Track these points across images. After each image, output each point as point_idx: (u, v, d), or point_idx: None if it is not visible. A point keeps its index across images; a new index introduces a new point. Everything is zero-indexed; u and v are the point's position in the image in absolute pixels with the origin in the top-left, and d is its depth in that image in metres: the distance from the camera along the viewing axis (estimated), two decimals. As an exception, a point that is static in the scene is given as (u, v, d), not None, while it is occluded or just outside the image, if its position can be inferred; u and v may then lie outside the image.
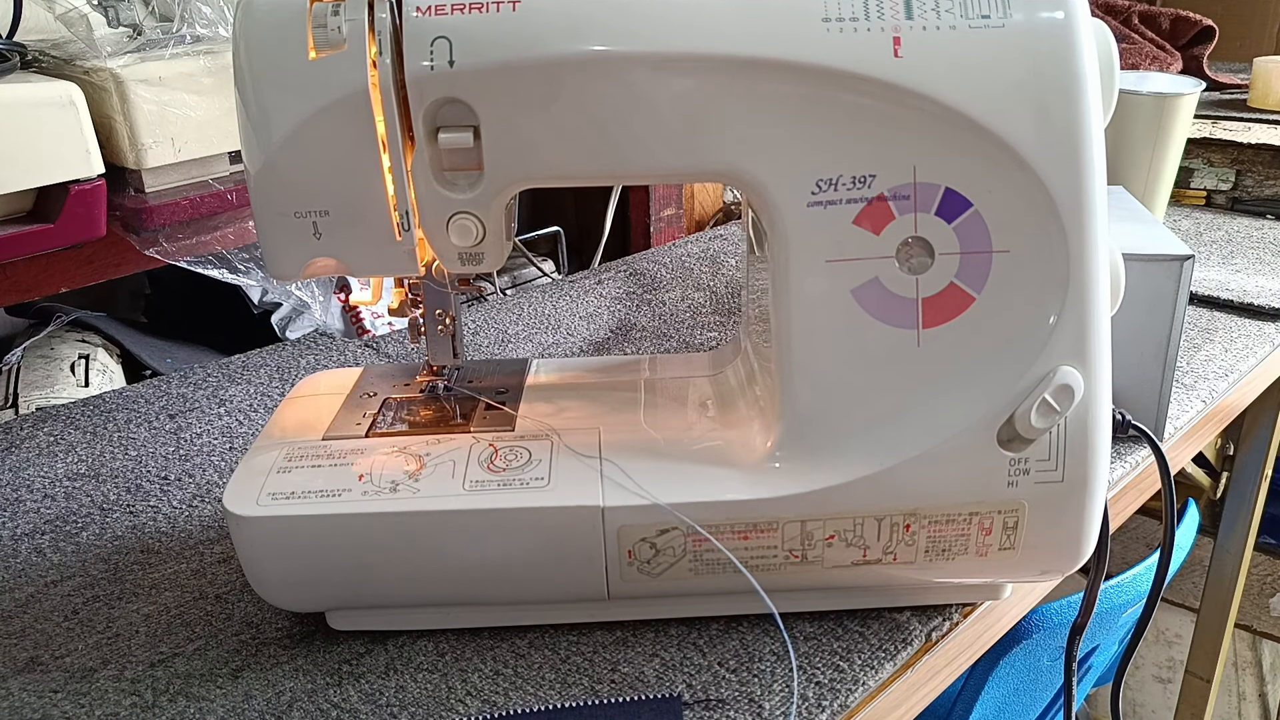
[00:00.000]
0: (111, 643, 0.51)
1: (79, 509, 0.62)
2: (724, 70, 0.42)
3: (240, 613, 0.52)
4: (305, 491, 0.47)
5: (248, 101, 0.43)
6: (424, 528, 0.46)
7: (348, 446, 0.50)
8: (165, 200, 0.73)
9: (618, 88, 0.42)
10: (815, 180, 0.43)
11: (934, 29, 0.42)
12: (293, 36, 0.42)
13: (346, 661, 0.49)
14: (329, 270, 0.47)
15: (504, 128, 0.43)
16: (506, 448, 0.50)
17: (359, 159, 0.44)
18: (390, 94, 0.42)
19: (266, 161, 0.44)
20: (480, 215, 0.45)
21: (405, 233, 0.46)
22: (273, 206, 0.45)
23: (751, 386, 0.53)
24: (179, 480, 0.65)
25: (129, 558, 0.57)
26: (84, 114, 0.69)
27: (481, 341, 0.86)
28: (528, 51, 0.42)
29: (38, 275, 0.73)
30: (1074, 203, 0.43)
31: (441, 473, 0.48)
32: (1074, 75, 0.42)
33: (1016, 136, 0.42)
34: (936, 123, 0.42)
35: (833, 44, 0.41)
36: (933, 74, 0.41)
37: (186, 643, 0.50)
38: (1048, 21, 0.42)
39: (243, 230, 0.78)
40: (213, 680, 0.48)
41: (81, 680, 0.48)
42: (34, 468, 0.67)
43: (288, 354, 0.84)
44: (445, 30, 0.42)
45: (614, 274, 1.01)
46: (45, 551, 0.58)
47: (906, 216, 0.43)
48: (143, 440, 0.70)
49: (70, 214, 0.70)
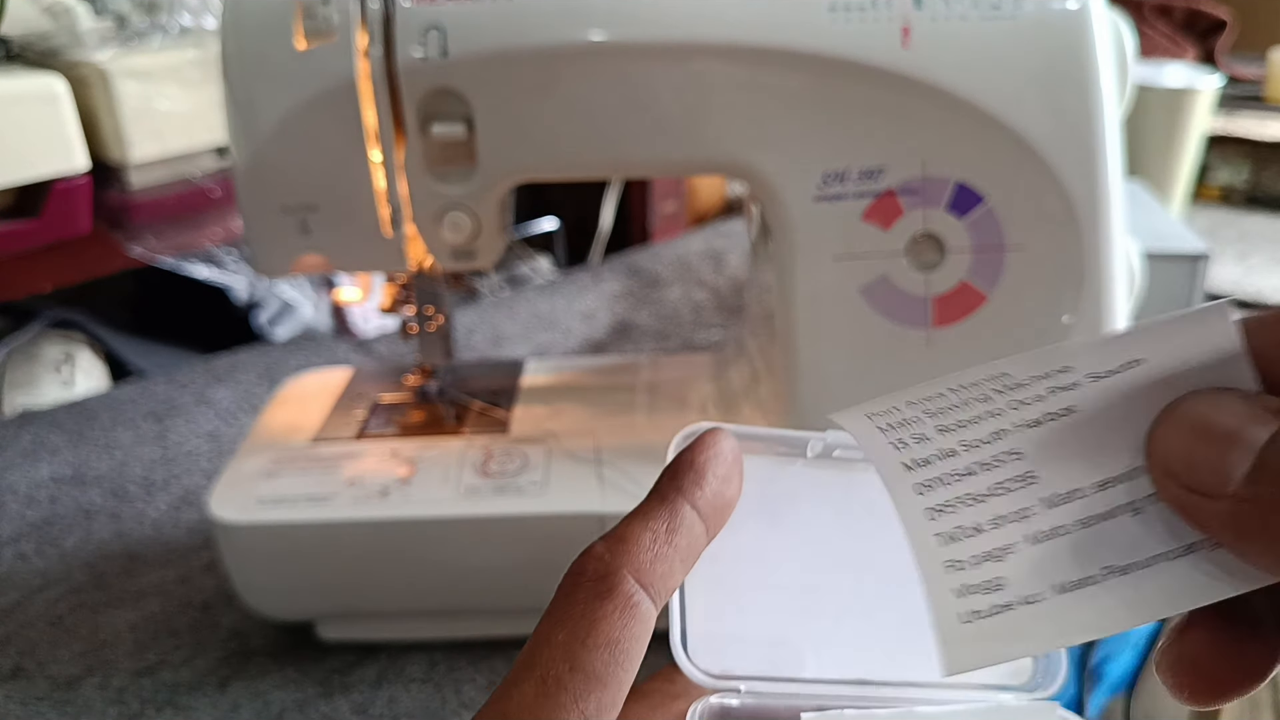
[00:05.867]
0: (97, 651, 0.50)
1: (63, 514, 0.61)
2: (727, 59, 0.41)
3: (227, 621, 0.51)
4: (293, 497, 0.46)
5: (235, 93, 0.43)
6: (415, 535, 0.45)
7: (337, 450, 0.49)
8: (151, 196, 0.72)
9: (616, 77, 0.41)
10: (822, 173, 0.42)
11: (944, 19, 0.41)
12: (281, 26, 0.41)
13: (336, 672, 0.48)
14: (318, 267, 0.46)
15: (498, 119, 0.42)
16: (501, 451, 0.49)
17: (348, 152, 0.43)
18: (381, 85, 0.42)
19: (254, 154, 0.43)
20: (474, 210, 0.44)
21: (396, 228, 0.45)
22: (260, 201, 0.44)
23: (755, 388, 0.51)
24: (164, 484, 0.64)
25: (114, 564, 0.56)
26: (68, 108, 0.68)
27: (475, 341, 0.85)
28: (523, 40, 0.41)
29: (20, 273, 0.72)
30: (1089, 198, 0.42)
31: (433, 478, 0.47)
32: (1088, 67, 0.41)
33: (1030, 130, 0.41)
34: (947, 115, 0.41)
35: (840, 33, 0.40)
36: (943, 65, 0.41)
37: (173, 651, 0.49)
38: (1061, 12, 0.41)
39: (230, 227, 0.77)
40: (200, 690, 0.47)
41: (66, 689, 0.47)
42: (17, 471, 0.65)
43: (275, 354, 0.83)
44: (438, 19, 0.41)
45: (613, 271, 1.00)
46: (29, 557, 0.57)
47: (916, 212, 0.42)
48: (127, 443, 0.69)
49: (54, 210, 0.68)
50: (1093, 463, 0.20)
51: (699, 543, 0.23)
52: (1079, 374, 0.19)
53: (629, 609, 0.21)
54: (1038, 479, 0.20)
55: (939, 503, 0.20)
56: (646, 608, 0.21)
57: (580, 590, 0.21)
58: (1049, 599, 0.20)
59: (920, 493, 0.20)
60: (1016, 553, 0.20)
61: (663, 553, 0.22)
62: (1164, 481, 0.19)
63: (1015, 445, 0.20)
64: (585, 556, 0.22)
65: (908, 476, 0.20)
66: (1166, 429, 0.19)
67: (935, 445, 0.20)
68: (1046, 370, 0.19)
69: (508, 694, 0.20)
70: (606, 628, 0.21)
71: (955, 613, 0.20)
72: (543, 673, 0.20)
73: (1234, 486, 0.17)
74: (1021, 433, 0.20)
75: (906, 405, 0.20)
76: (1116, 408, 0.19)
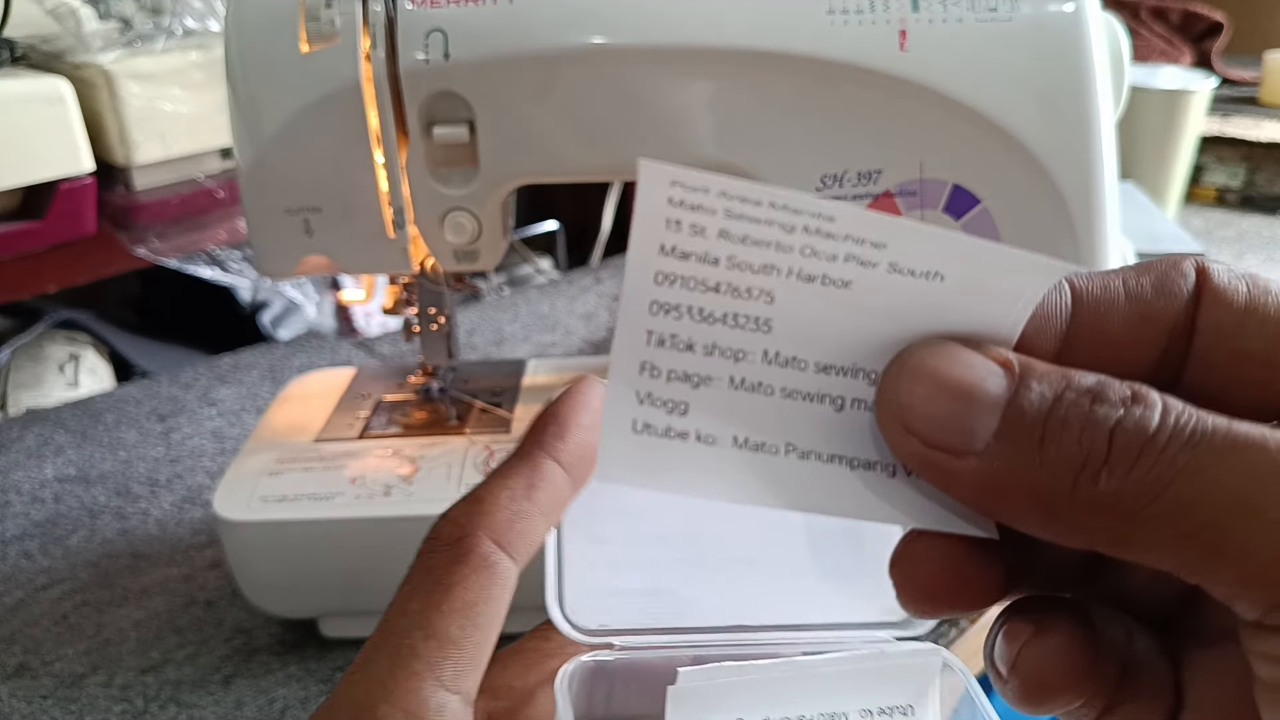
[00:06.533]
0: (101, 649, 0.50)
1: (68, 512, 0.61)
2: (725, 63, 0.41)
3: (231, 619, 0.52)
4: (296, 495, 0.46)
5: (239, 95, 0.43)
6: (418, 533, 0.45)
7: (340, 449, 0.49)
8: (155, 198, 0.73)
9: (616, 81, 0.42)
10: (820, 176, 0.42)
11: (940, 22, 0.41)
12: (285, 29, 0.42)
13: (340, 669, 0.48)
14: (321, 268, 0.46)
15: (500, 122, 0.42)
16: (503, 451, 0.49)
17: (352, 154, 0.43)
18: (384, 88, 0.42)
19: (258, 156, 0.43)
20: (476, 211, 0.45)
21: (399, 230, 0.45)
22: (264, 203, 0.44)
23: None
24: (168, 483, 0.64)
25: (118, 562, 0.56)
26: (73, 110, 0.68)
27: (477, 341, 0.85)
28: (524, 44, 0.41)
29: (26, 274, 0.72)
30: (1084, 200, 0.42)
31: (436, 476, 0.47)
32: (1083, 69, 0.41)
33: (1025, 132, 0.41)
34: (943, 118, 0.41)
35: (837, 36, 0.41)
36: (940, 68, 0.41)
37: (177, 649, 0.50)
38: (1056, 15, 0.41)
39: (234, 228, 0.77)
40: (204, 687, 0.47)
41: (71, 687, 0.48)
42: (22, 470, 0.66)
43: (279, 354, 0.83)
44: (440, 23, 0.41)
45: (613, 272, 1.00)
46: (34, 555, 0.57)
47: (913, 213, 0.42)
48: (132, 442, 0.69)
49: (59, 212, 0.69)
50: (829, 343, 0.18)
51: (562, 494, 0.22)
52: (884, 257, 0.18)
53: (485, 570, 0.20)
54: (771, 330, 0.18)
55: (668, 300, 0.18)
56: (505, 567, 0.21)
57: (435, 556, 0.21)
58: (723, 448, 0.19)
59: (658, 282, 0.18)
60: (713, 388, 0.19)
61: (522, 509, 0.21)
62: (901, 437, 0.18)
63: (774, 287, 0.18)
64: (441, 521, 0.21)
65: (658, 261, 0.18)
66: (902, 380, 0.18)
67: (704, 244, 0.18)
68: (863, 237, 0.18)
69: (358, 676, 0.20)
70: (461, 591, 0.20)
71: (630, 417, 0.18)
72: (396, 644, 0.20)
73: (981, 444, 0.17)
74: (789, 280, 0.18)
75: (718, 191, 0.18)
76: (882, 309, 0.18)
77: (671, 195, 0.18)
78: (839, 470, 0.19)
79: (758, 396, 0.19)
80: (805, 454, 0.19)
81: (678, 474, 0.19)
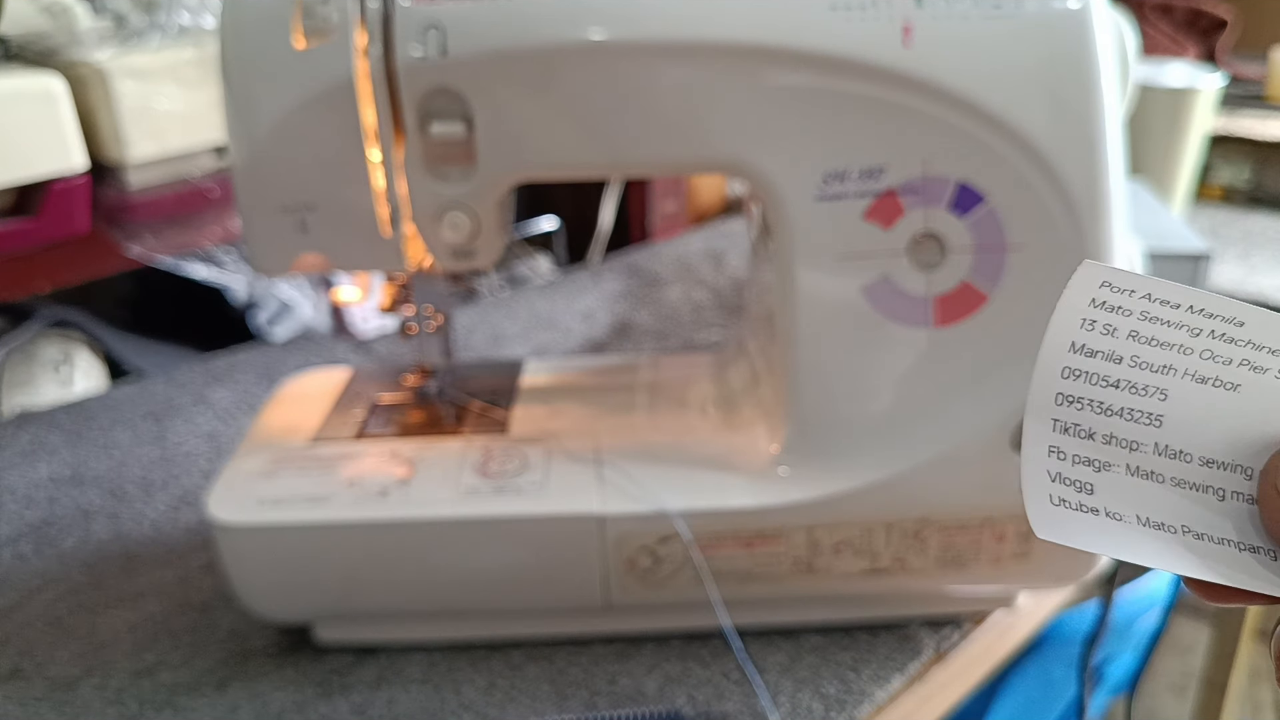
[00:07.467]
0: (95, 652, 0.50)
1: (61, 514, 0.61)
2: (727, 58, 0.41)
3: (226, 622, 0.51)
4: (291, 498, 0.45)
5: (233, 92, 0.42)
6: (414, 535, 0.45)
7: (336, 451, 0.49)
8: (149, 196, 0.72)
9: (615, 77, 0.41)
10: (823, 173, 0.42)
11: (945, 18, 0.40)
12: (280, 25, 0.41)
13: (335, 673, 0.48)
14: (316, 266, 0.46)
15: (498, 118, 0.42)
16: (500, 452, 0.48)
17: (347, 151, 0.43)
18: (380, 84, 0.41)
19: (252, 153, 0.43)
20: (473, 209, 0.44)
21: (395, 228, 0.44)
22: (258, 200, 0.44)
23: (756, 388, 0.51)
24: (162, 485, 0.63)
25: (112, 565, 0.56)
26: (67, 107, 0.68)
27: (475, 341, 0.85)
28: (522, 40, 0.40)
29: (18, 273, 0.71)
30: (1091, 198, 0.41)
31: (433, 478, 0.46)
32: (1089, 66, 0.41)
33: (1031, 129, 0.41)
34: (948, 114, 0.41)
35: (840, 32, 0.40)
36: (944, 64, 0.40)
37: (171, 652, 0.49)
38: (1062, 11, 0.41)
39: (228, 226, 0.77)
40: (199, 691, 0.47)
41: (65, 690, 0.47)
42: (16, 472, 0.65)
43: (274, 354, 0.82)
44: (437, 18, 0.40)
45: (612, 271, 1.00)
46: (28, 557, 0.57)
47: (917, 211, 0.42)
48: (125, 444, 0.68)
49: (52, 210, 0.68)
50: (1212, 440, 0.21)
51: None
52: (1277, 364, 0.20)
53: None
54: (1162, 425, 0.21)
55: (1072, 393, 0.21)
56: None
57: None
58: (1129, 525, 0.21)
59: (1064, 376, 0.21)
60: (1113, 473, 0.21)
61: None
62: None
63: (1169, 386, 0.21)
64: None
65: (1067, 358, 0.21)
66: None
67: (1112, 344, 0.21)
68: (1263, 344, 0.20)
69: None
70: None
71: (1047, 491, 0.21)
72: None
73: None
74: (1184, 380, 0.21)
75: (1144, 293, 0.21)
76: (1262, 413, 0.20)
77: (1096, 296, 0.21)
78: (1230, 550, 0.21)
79: (1151, 484, 0.21)
80: (1200, 535, 0.21)
81: (1098, 539, 0.21)
